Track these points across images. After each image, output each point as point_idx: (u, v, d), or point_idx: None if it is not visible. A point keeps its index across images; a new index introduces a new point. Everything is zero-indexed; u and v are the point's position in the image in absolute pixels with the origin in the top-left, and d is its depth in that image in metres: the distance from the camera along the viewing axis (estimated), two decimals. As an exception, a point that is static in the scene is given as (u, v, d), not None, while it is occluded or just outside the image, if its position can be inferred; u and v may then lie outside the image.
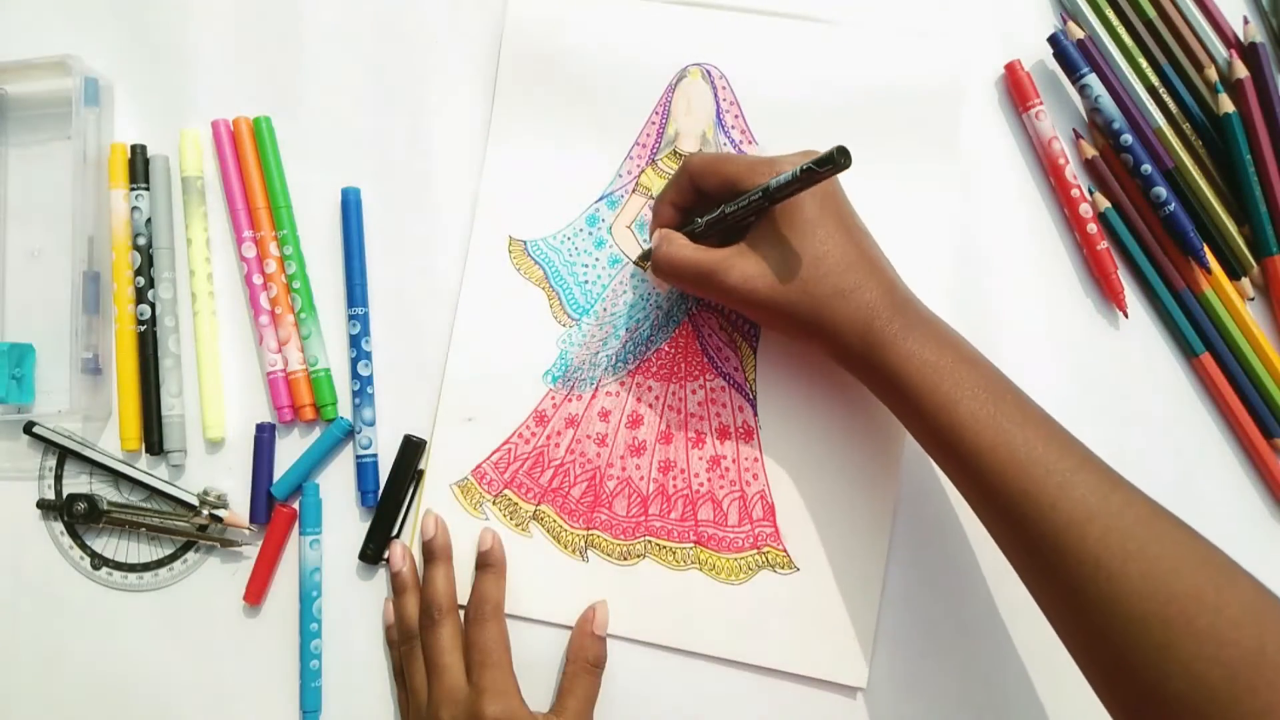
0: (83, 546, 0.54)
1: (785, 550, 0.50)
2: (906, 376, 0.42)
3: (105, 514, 0.53)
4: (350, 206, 0.54)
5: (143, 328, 0.54)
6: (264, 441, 0.53)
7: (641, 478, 0.52)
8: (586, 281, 0.53)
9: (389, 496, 0.52)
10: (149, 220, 0.54)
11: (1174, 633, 0.36)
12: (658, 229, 0.49)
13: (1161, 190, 0.51)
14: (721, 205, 0.45)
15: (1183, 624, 0.35)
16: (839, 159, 0.39)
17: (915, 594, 0.50)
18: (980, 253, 0.53)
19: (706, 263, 0.45)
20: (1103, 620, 0.37)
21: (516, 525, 0.52)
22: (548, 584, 0.51)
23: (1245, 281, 0.51)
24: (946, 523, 0.50)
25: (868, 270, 0.44)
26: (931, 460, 0.45)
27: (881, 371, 0.43)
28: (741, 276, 0.44)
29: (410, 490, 0.52)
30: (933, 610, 0.50)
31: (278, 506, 0.53)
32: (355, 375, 0.53)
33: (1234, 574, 0.37)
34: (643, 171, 0.54)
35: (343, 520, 0.53)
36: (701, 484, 0.51)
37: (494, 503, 0.52)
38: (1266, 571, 0.51)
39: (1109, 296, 0.52)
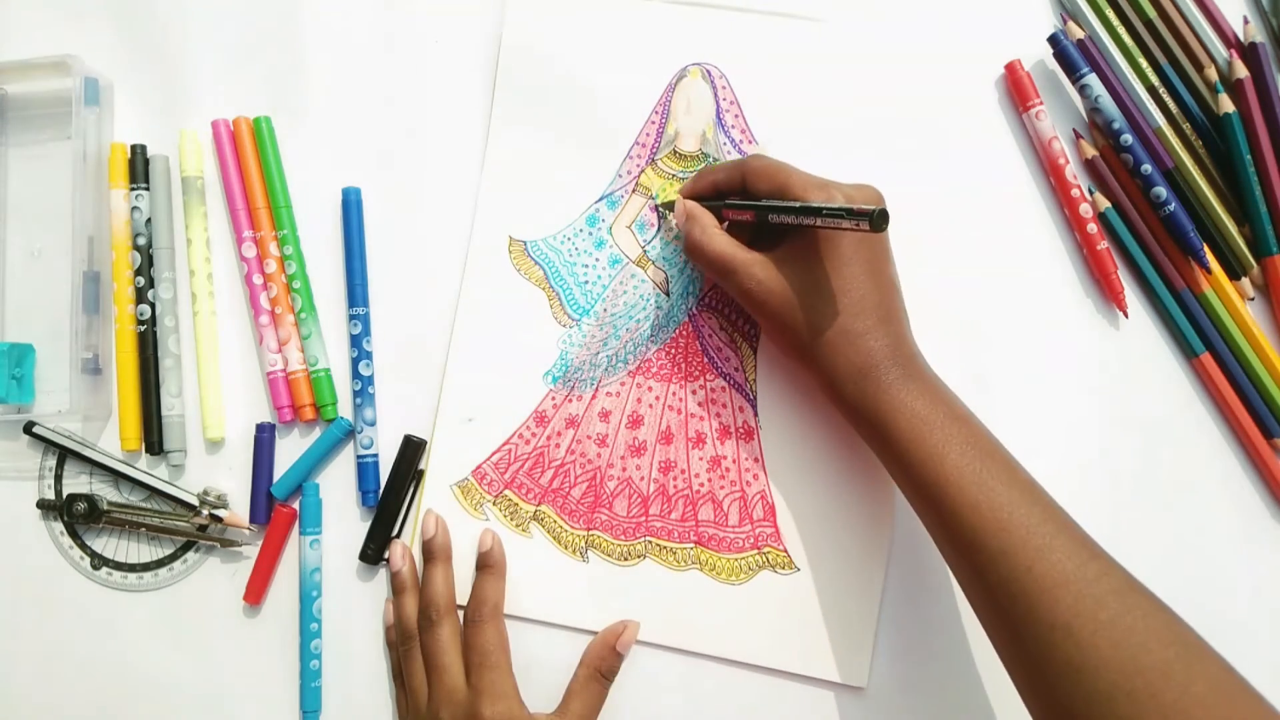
0: (83, 546, 0.54)
1: (785, 550, 0.50)
2: (895, 426, 0.42)
3: (105, 514, 0.53)
4: (350, 206, 0.54)
5: (143, 328, 0.54)
6: (264, 441, 0.53)
7: (642, 478, 0.52)
8: (586, 282, 0.53)
9: (389, 496, 0.52)
10: (149, 220, 0.54)
11: (1139, 706, 0.36)
12: (688, 203, 0.49)
13: (1161, 190, 0.51)
14: (759, 201, 0.46)
15: (1148, 698, 0.35)
16: (878, 221, 0.38)
17: (915, 594, 0.50)
18: (980, 253, 0.53)
19: (733, 260, 0.46)
20: (1069, 687, 0.37)
21: (517, 526, 0.52)
22: (548, 585, 0.51)
23: (1245, 281, 0.51)
24: (946, 523, 0.50)
25: (879, 319, 0.44)
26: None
27: (871, 417, 0.43)
28: (759, 283, 0.45)
29: (410, 490, 0.52)
30: (933, 610, 0.50)
31: (278, 506, 0.53)
32: (356, 375, 0.53)
33: (1204, 652, 0.37)
34: (642, 171, 0.54)
35: (343, 520, 0.53)
36: (702, 484, 0.51)
37: (494, 503, 0.52)
38: (1266, 571, 0.51)
39: (1109, 296, 0.52)
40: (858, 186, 0.45)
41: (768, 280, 0.45)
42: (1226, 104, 0.51)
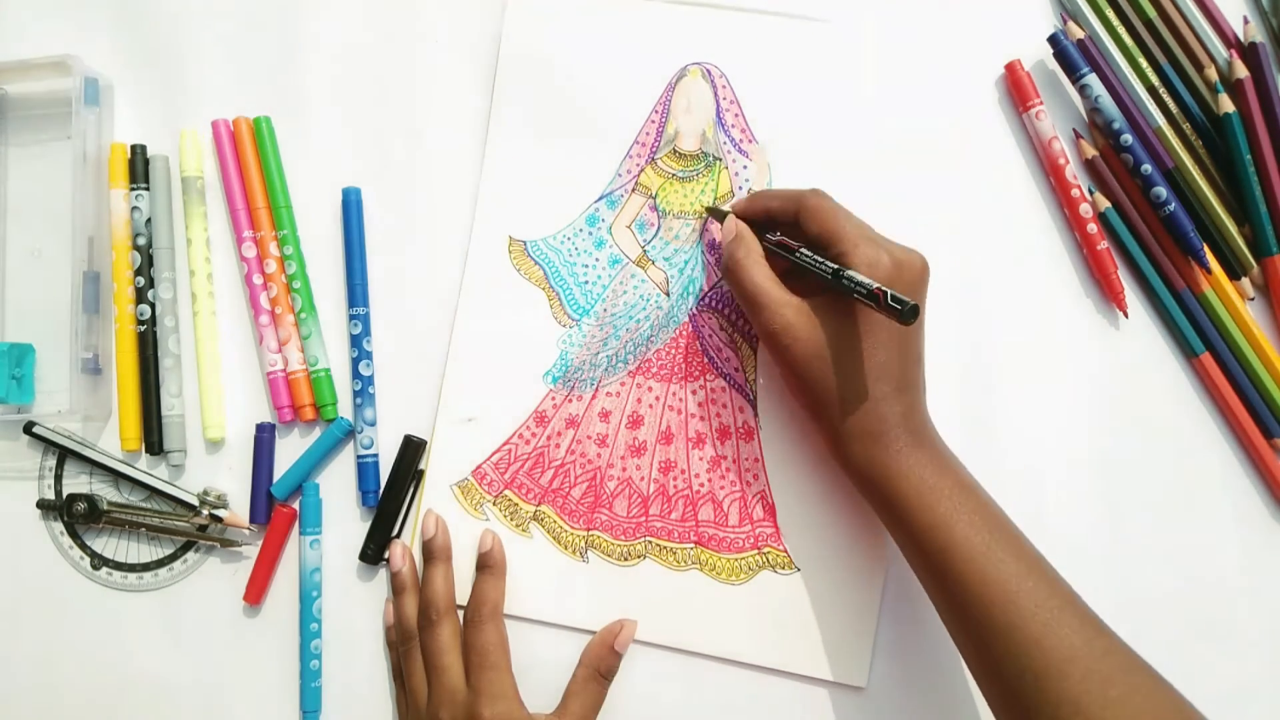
0: (83, 546, 0.54)
1: (785, 550, 0.50)
2: (902, 492, 0.42)
3: (105, 514, 0.53)
4: (350, 206, 0.54)
5: (143, 328, 0.54)
6: (264, 441, 0.53)
7: (642, 478, 0.52)
8: (586, 282, 0.53)
9: (389, 496, 0.52)
10: (149, 220, 0.54)
11: None
12: (739, 224, 0.48)
13: (1161, 190, 0.51)
14: (800, 246, 0.45)
15: None
16: (906, 316, 0.38)
17: (915, 594, 0.50)
18: (980, 253, 0.53)
19: (768, 296, 0.45)
20: None
21: (517, 526, 0.52)
22: (548, 585, 0.51)
23: (1245, 281, 0.51)
24: (946, 523, 0.50)
25: (897, 386, 0.43)
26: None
27: (877, 481, 0.43)
28: (785, 327, 0.44)
29: (410, 490, 0.52)
30: (933, 610, 0.50)
31: (278, 506, 0.53)
32: (356, 375, 0.53)
33: None
34: (642, 171, 0.54)
35: (343, 520, 0.53)
36: (702, 484, 0.51)
37: (494, 503, 0.52)
38: (1267, 572, 0.51)
39: (1109, 296, 0.52)
40: (907, 252, 0.44)
41: (796, 326, 0.44)
42: (1226, 104, 0.51)
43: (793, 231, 0.47)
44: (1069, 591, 0.41)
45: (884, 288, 0.39)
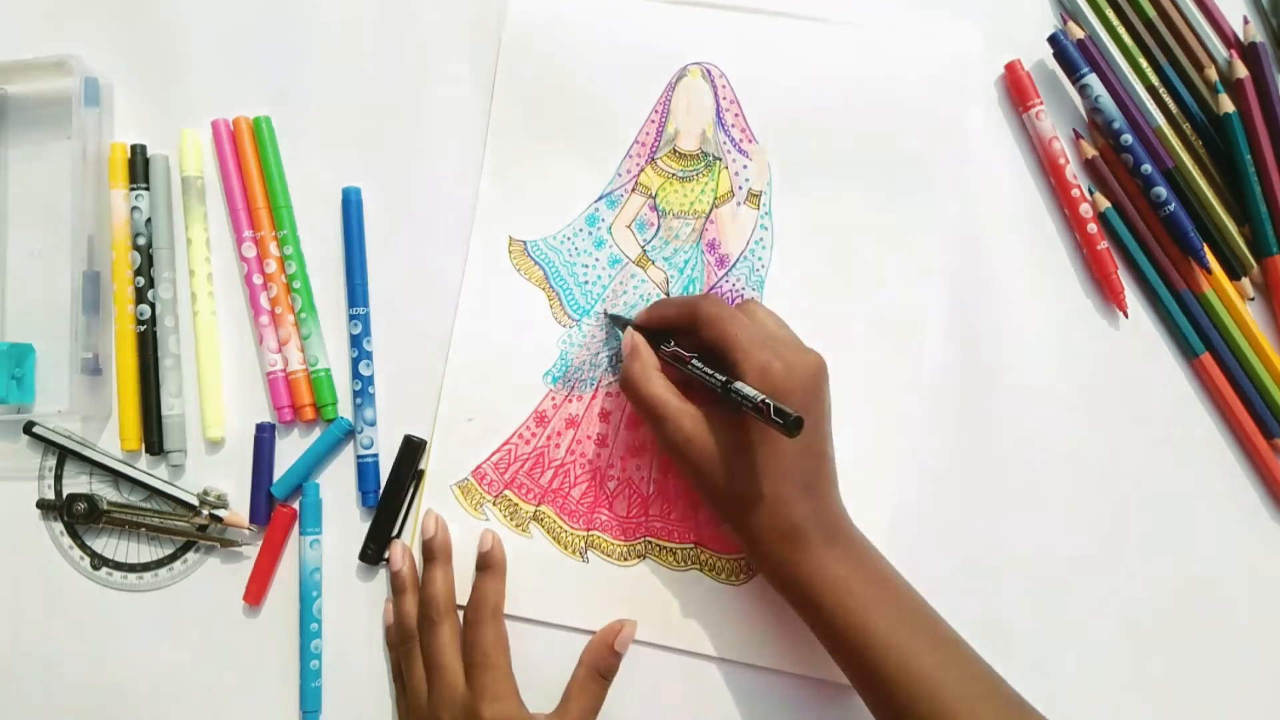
0: (83, 546, 0.54)
1: (785, 550, 0.50)
2: (818, 590, 0.42)
3: (105, 514, 0.53)
4: (350, 206, 0.54)
5: (143, 328, 0.54)
6: (264, 441, 0.53)
7: (642, 478, 0.52)
8: (587, 282, 0.53)
9: (389, 496, 0.52)
10: (149, 220, 0.54)
11: None
12: (636, 336, 0.48)
13: (1161, 190, 0.51)
14: (693, 357, 0.45)
15: None
16: (791, 427, 0.38)
17: (915, 594, 0.50)
18: (980, 253, 0.53)
19: (665, 407, 0.45)
20: None
21: (517, 526, 0.52)
22: (548, 585, 0.51)
23: (1245, 281, 0.51)
24: (944, 524, 0.50)
25: (804, 486, 0.43)
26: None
27: (792, 583, 0.43)
28: (685, 439, 0.44)
29: (410, 490, 0.52)
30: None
31: (278, 506, 0.53)
32: (356, 375, 0.53)
33: None
34: (642, 170, 0.54)
35: (343, 520, 0.53)
36: (702, 484, 0.51)
37: (494, 503, 0.52)
38: (1267, 571, 0.51)
39: (1109, 296, 0.52)
40: (801, 353, 0.44)
41: (695, 436, 0.44)
42: (1226, 104, 0.51)
43: (692, 339, 0.46)
44: (991, 676, 0.42)
45: (768, 400, 0.39)
